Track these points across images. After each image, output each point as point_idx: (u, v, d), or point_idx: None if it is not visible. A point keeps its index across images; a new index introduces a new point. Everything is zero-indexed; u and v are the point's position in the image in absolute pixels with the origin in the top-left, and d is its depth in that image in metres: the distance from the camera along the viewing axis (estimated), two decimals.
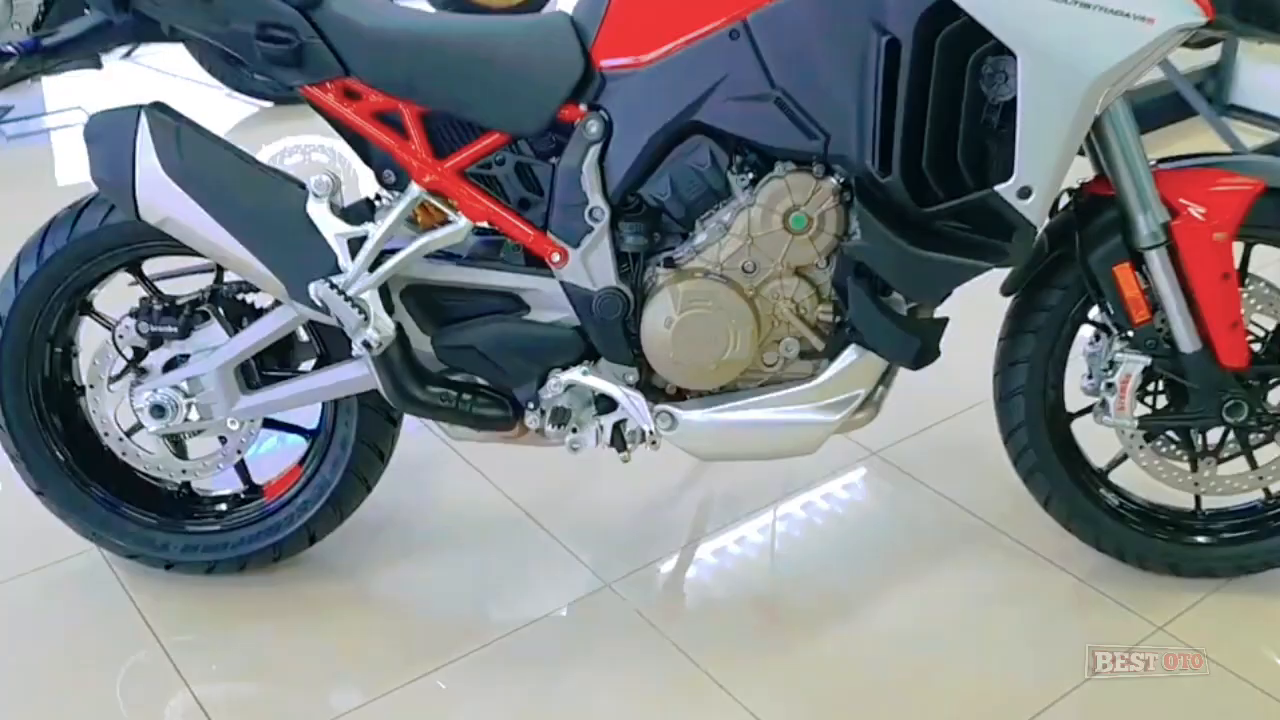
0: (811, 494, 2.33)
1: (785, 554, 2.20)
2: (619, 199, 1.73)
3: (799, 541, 2.23)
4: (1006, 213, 1.63)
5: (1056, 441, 2.01)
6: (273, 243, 1.73)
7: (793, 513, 2.29)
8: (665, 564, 2.17)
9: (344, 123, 1.74)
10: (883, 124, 1.60)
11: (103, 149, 1.73)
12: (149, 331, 1.88)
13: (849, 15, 1.58)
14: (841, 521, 2.28)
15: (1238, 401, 1.88)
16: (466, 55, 1.71)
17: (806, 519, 2.28)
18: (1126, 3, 1.55)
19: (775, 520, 2.28)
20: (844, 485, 2.36)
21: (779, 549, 2.21)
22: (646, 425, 1.83)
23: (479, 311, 1.83)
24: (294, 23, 1.66)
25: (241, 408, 1.91)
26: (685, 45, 1.66)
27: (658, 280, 1.76)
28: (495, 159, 1.75)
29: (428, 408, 1.83)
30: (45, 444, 1.99)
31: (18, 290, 1.89)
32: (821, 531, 2.25)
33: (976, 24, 1.54)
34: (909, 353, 1.76)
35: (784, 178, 1.69)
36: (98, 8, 1.72)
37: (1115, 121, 1.73)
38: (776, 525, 2.26)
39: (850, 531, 2.26)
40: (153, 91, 4.21)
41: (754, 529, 2.25)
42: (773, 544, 2.23)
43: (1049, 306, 1.91)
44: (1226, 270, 1.80)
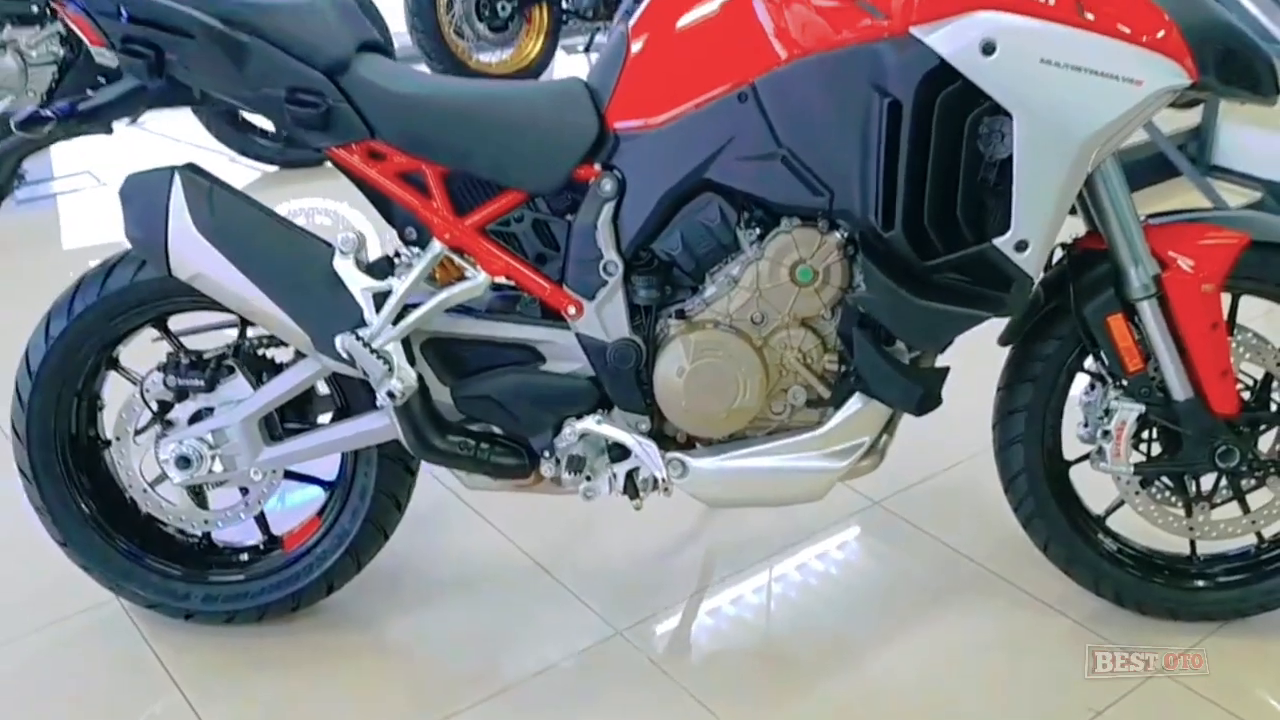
0: (816, 542, 2.38)
1: (792, 601, 2.25)
2: (632, 254, 1.81)
3: (805, 589, 2.27)
4: (1004, 265, 1.71)
5: (1055, 488, 2.07)
6: (300, 297, 1.80)
7: (798, 561, 2.34)
8: (674, 611, 2.21)
9: (368, 183, 1.82)
10: (885, 181, 1.68)
11: (137, 208, 1.80)
12: (176, 385, 1.94)
13: (852, 79, 1.67)
14: (846, 569, 2.34)
15: (1229, 447, 1.94)
16: (487, 118, 1.80)
17: (811, 567, 2.33)
18: (1115, 66, 1.63)
19: (781, 568, 2.32)
20: (847, 534, 2.41)
21: (785, 596, 2.26)
22: (659, 472, 1.89)
23: (496, 363, 1.90)
24: (322, 87, 1.74)
25: (265, 458, 1.96)
26: (695, 108, 1.74)
27: (669, 331, 1.83)
28: (514, 216, 1.82)
29: (447, 457, 1.89)
30: (71, 496, 2.04)
31: (48, 345, 1.94)
32: (826, 579, 2.30)
33: (974, 86, 1.63)
34: (912, 399, 1.82)
35: (790, 233, 1.77)
36: (133, 74, 1.79)
37: (1106, 178, 1.81)
38: (782, 573, 2.31)
39: (854, 579, 2.31)
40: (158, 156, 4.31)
41: (760, 577, 2.29)
42: (779, 591, 2.27)
43: (1045, 356, 1.98)
44: (1215, 320, 1.87)
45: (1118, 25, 1.63)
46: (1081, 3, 1.62)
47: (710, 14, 1.74)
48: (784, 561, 2.33)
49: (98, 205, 4.24)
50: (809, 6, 1.68)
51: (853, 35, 1.66)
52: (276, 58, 1.73)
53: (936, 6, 1.62)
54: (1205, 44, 1.67)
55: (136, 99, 1.82)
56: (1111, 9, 1.63)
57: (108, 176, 4.38)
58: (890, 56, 1.64)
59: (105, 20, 1.75)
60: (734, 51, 1.72)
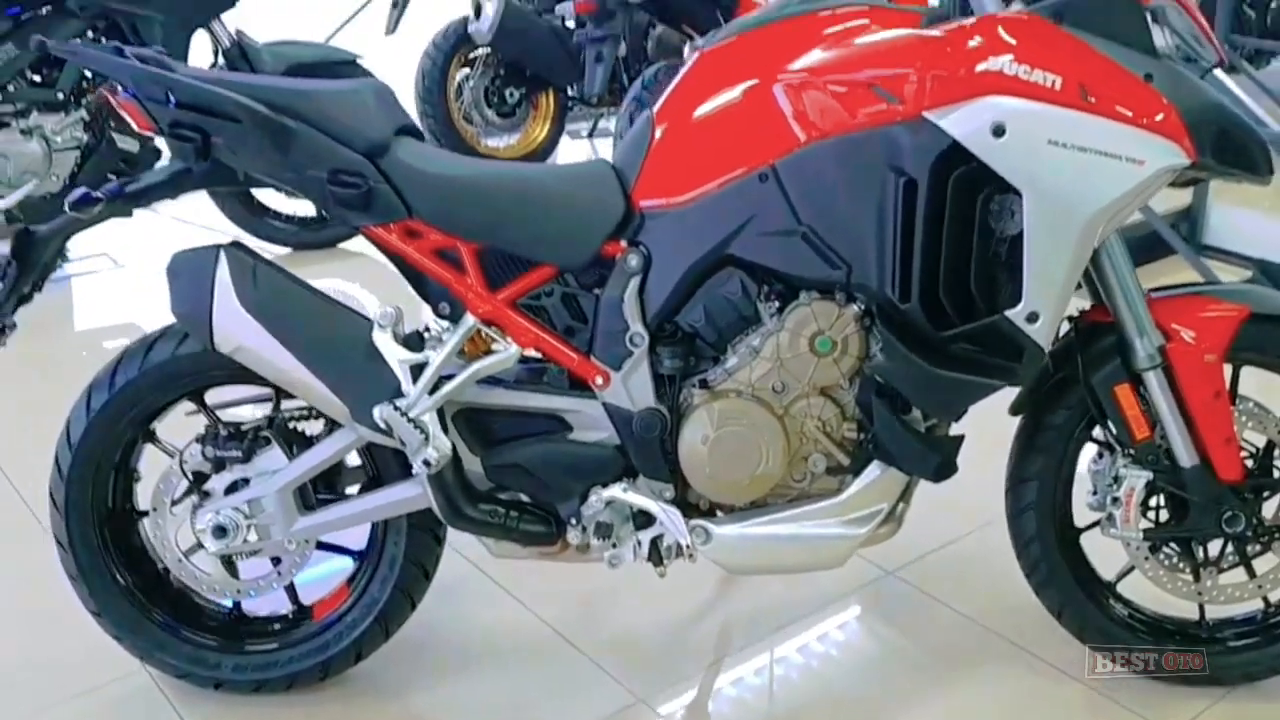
0: (832, 611, 2.42)
1: (809, 669, 2.28)
2: (657, 326, 1.88)
3: (822, 657, 2.31)
4: (1016, 336, 1.78)
5: (1067, 555, 2.12)
6: (340, 369, 1.87)
7: (814, 629, 2.37)
8: (694, 679, 2.25)
9: (405, 259, 1.89)
10: (902, 256, 1.76)
11: (184, 283, 1.88)
12: (214, 456, 2.00)
13: (869, 160, 1.76)
14: (862, 638, 2.38)
15: (1235, 513, 2.00)
16: (520, 197, 1.88)
17: (828, 636, 2.36)
18: (1119, 147, 1.72)
19: (798, 637, 2.36)
20: (862, 603, 2.46)
21: (803, 664, 2.30)
22: (683, 539, 1.94)
23: (525, 432, 1.96)
24: (363, 169, 1.83)
25: (299, 528, 2.01)
26: (719, 187, 1.83)
27: (693, 400, 1.90)
28: (544, 290, 1.90)
29: (478, 524, 1.94)
30: (106, 566, 2.08)
31: (89, 418, 2.00)
32: (843, 647, 2.34)
33: (986, 166, 1.71)
34: (930, 466, 1.88)
35: (809, 305, 1.84)
36: (180, 157, 1.87)
37: (1111, 253, 1.90)
38: (799, 642, 2.35)
39: (871, 647, 2.35)
40: (175, 239, 4.40)
41: (780, 645, 2.33)
42: (797, 660, 2.30)
43: (1055, 425, 2.05)
44: (1218, 389, 1.95)
45: (1120, 109, 1.72)
46: (1085, 87, 1.71)
47: (732, 100, 1.83)
48: (801, 630, 2.37)
49: (114, 287, 4.33)
50: (826, 92, 1.78)
51: (869, 119, 1.75)
52: (320, 141, 1.81)
53: (948, 92, 1.72)
54: (1202, 126, 1.77)
55: (182, 180, 1.91)
56: (1113, 93, 1.72)
57: (125, 258, 4.46)
58: (905, 139, 1.73)
59: (154, 106, 1.84)
60: (755, 134, 1.81)
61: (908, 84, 1.74)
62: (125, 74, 1.83)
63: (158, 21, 3.88)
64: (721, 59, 1.89)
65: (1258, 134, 1.86)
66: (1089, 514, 2.11)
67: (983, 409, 1.90)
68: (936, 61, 1.74)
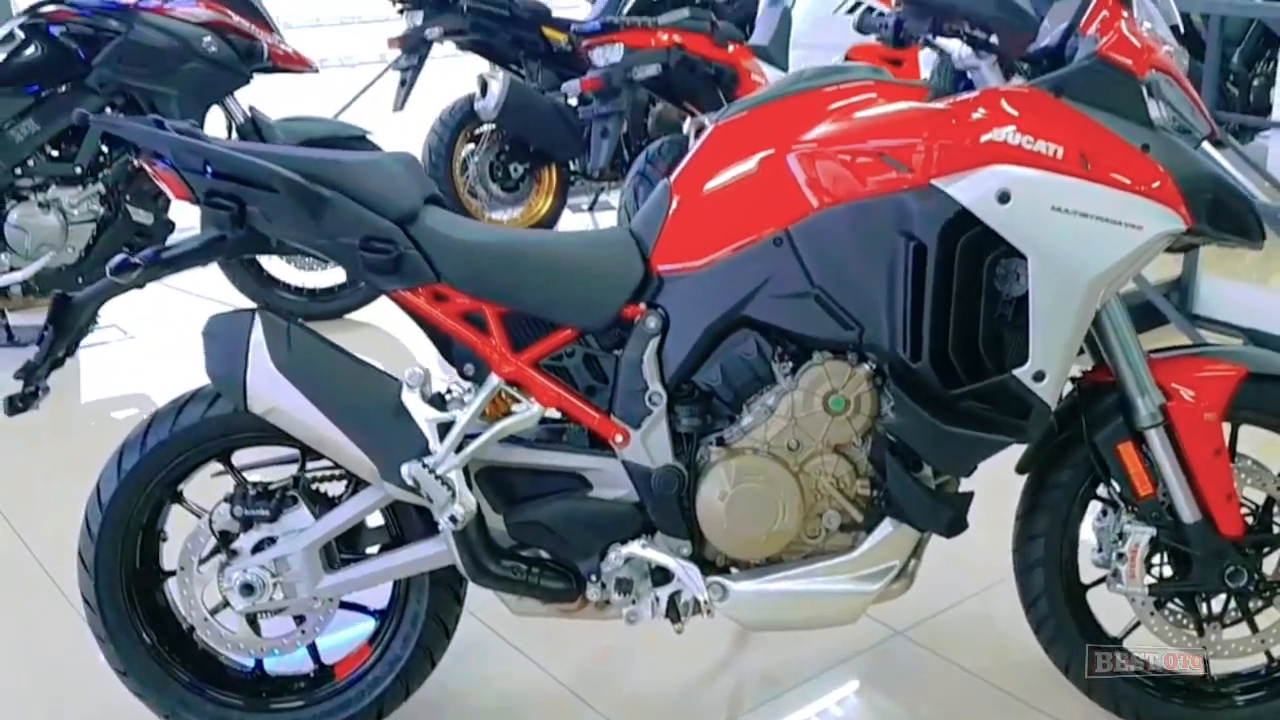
0: (844, 672, 2.45)
1: None
2: (675, 385, 1.95)
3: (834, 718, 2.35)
4: (1023, 394, 1.85)
5: (1074, 611, 2.17)
6: (370, 428, 1.92)
7: (827, 690, 2.40)
8: None
9: (431, 322, 1.96)
10: (912, 317, 1.83)
11: (219, 346, 1.94)
12: (242, 515, 2.04)
13: (880, 225, 1.83)
14: (873, 698, 2.41)
15: (1237, 568, 2.05)
16: (544, 263, 1.96)
17: (841, 696, 2.40)
18: (1118, 213, 1.81)
19: (809, 697, 2.39)
20: (873, 663, 2.49)
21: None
22: (701, 595, 1.99)
23: (546, 490, 2.01)
24: (394, 236, 1.90)
25: (325, 585, 2.05)
26: (734, 252, 1.90)
27: (711, 458, 1.96)
28: (566, 351, 1.96)
29: (500, 580, 1.99)
30: (133, 626, 2.12)
31: (119, 479, 2.05)
32: (856, 708, 2.38)
33: (992, 231, 1.79)
34: (942, 521, 1.94)
35: (822, 365, 1.91)
36: (215, 225, 1.94)
37: (1112, 315, 1.97)
38: (811, 702, 2.38)
39: (882, 707, 2.39)
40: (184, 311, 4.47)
41: (792, 705, 2.36)
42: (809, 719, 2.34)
43: (1061, 483, 2.11)
44: (1218, 446, 2.01)
45: (1119, 176, 1.81)
46: (1086, 156, 1.80)
47: (747, 169, 1.91)
48: (813, 691, 2.40)
49: (124, 358, 4.38)
50: (838, 161, 1.86)
51: (879, 186, 1.84)
52: (353, 209, 1.89)
53: (955, 161, 1.80)
54: (1197, 193, 1.85)
55: (216, 247, 1.98)
56: (1112, 162, 1.81)
57: (135, 330, 4.52)
58: (914, 205, 1.81)
59: (192, 176, 1.91)
60: (770, 201, 1.89)
61: (916, 153, 1.83)
62: (165, 145, 1.91)
63: (174, 98, 3.98)
64: (735, 131, 1.98)
65: (1250, 201, 1.95)
66: (1095, 571, 2.16)
67: (991, 469, 1.96)
68: (943, 132, 1.83)
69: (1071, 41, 1.93)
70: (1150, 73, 1.86)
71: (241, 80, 4.14)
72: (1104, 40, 1.86)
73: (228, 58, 4.06)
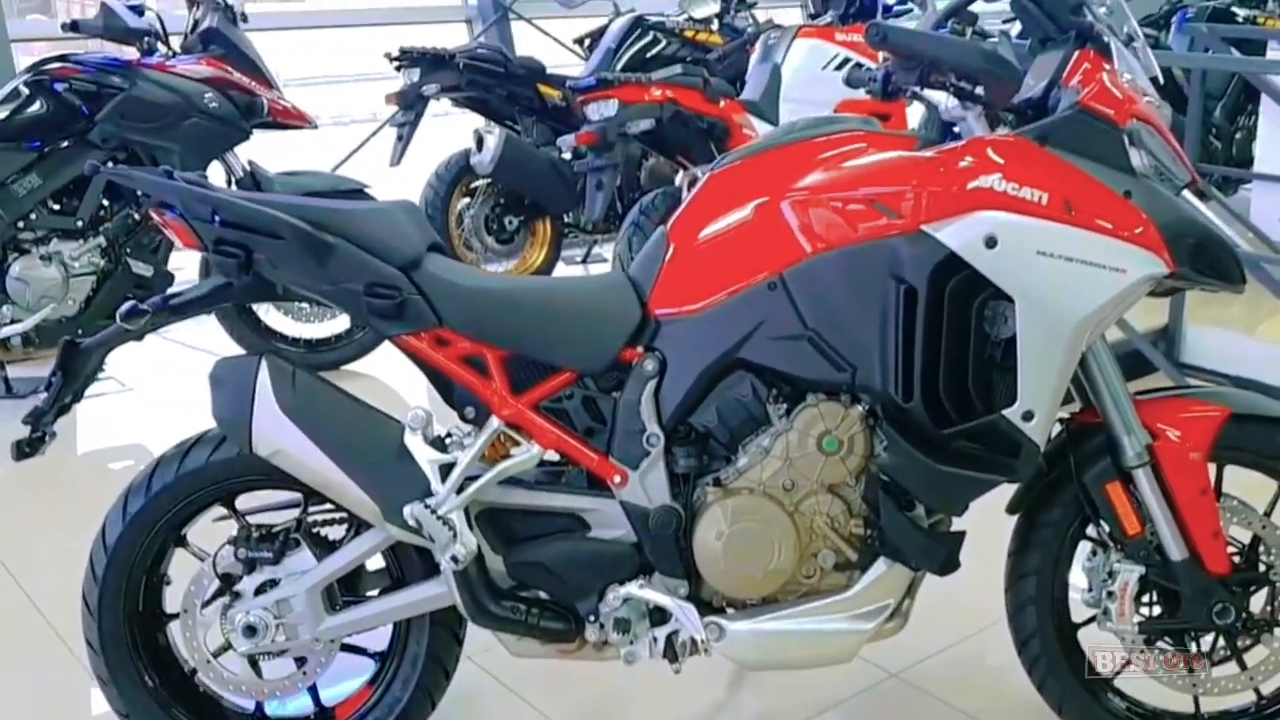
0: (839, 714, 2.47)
1: None
2: (672, 426, 1.99)
3: None
4: (1013, 434, 1.89)
5: (1066, 650, 2.20)
6: (373, 470, 1.96)
7: None
8: None
9: (434, 366, 2.00)
10: (904, 358, 1.88)
11: (226, 390, 1.98)
12: (246, 557, 2.07)
13: (872, 269, 1.89)
14: None
15: (1225, 605, 2.09)
16: (544, 308, 2.01)
17: None
18: (1103, 257, 1.86)
19: None
20: (870, 704, 2.50)
21: None
22: (698, 635, 2.01)
23: (545, 531, 2.05)
24: (398, 282, 1.95)
25: (326, 627, 2.08)
26: (729, 296, 1.95)
27: (707, 498, 1.99)
28: (565, 394, 2.01)
29: (500, 621, 2.02)
30: (136, 669, 2.14)
31: (124, 522, 2.08)
32: None
33: (980, 275, 1.85)
34: (935, 560, 1.98)
35: (816, 406, 1.95)
36: (222, 272, 1.99)
37: (1098, 357, 2.02)
38: None
39: None
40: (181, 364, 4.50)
41: None
42: None
43: (1051, 523, 2.15)
44: (1204, 486, 2.05)
45: (1102, 222, 1.86)
46: (1070, 202, 1.86)
47: (742, 216, 1.97)
48: None
49: (122, 410, 4.41)
50: (830, 208, 1.92)
51: (870, 232, 1.89)
52: (358, 256, 1.93)
53: (943, 207, 1.86)
54: (1179, 238, 1.91)
55: (224, 293, 2.03)
56: (1096, 208, 1.87)
57: (133, 382, 4.56)
58: (904, 250, 1.87)
59: (200, 225, 1.96)
60: (764, 247, 1.94)
61: (905, 200, 1.88)
62: (174, 195, 1.96)
63: (175, 153, 4.06)
64: (730, 180, 2.03)
65: (1230, 246, 2.00)
66: (1086, 610, 2.19)
67: (986, 511, 2.00)
68: (931, 179, 1.89)
69: (1055, 93, 1.99)
70: (1131, 122, 1.92)
71: (242, 135, 4.22)
72: (1086, 91, 1.92)
73: (228, 113, 4.14)
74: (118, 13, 4.12)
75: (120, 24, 4.12)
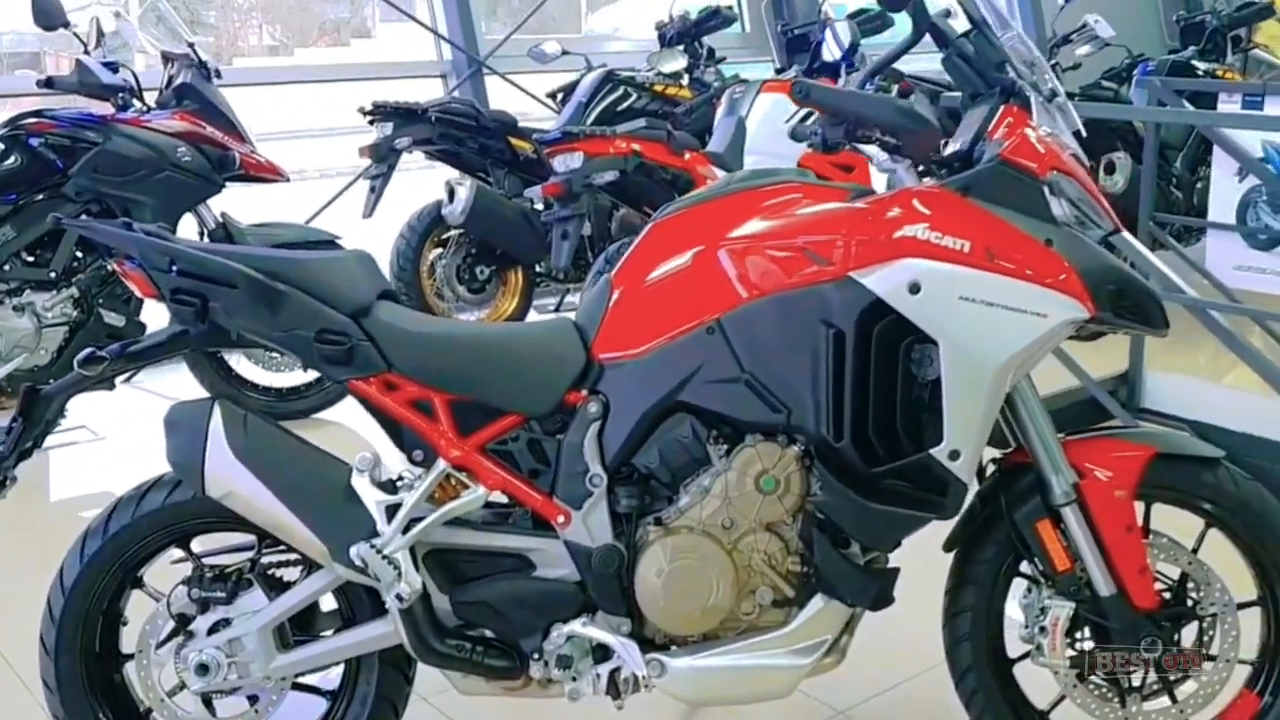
0: None
1: None
2: (615, 467, 2.05)
3: None
4: (940, 472, 1.97)
5: (1001, 685, 2.25)
6: (321, 511, 2.02)
7: None
8: None
9: (382, 410, 2.06)
10: (834, 399, 1.95)
11: (179, 434, 2.04)
12: (199, 597, 2.12)
13: (803, 314, 1.96)
14: None
15: (1153, 639, 2.15)
16: (490, 353, 2.08)
17: None
18: (1023, 302, 1.94)
19: None
20: None
21: None
22: (639, 671, 2.06)
23: (491, 571, 2.10)
24: (347, 329, 2.02)
25: (277, 665, 2.12)
26: (669, 340, 2.02)
27: (649, 537, 2.05)
28: (511, 436, 2.07)
29: (445, 658, 2.07)
30: (92, 709, 2.18)
31: (81, 564, 2.13)
32: None
33: (906, 319, 1.92)
34: (868, 595, 2.04)
35: (754, 446, 2.02)
36: (179, 320, 2.06)
37: (1024, 398, 2.09)
38: None
39: None
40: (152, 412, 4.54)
41: None
42: None
43: (985, 560, 2.21)
44: (1130, 523, 2.12)
45: (1024, 269, 1.94)
46: (991, 250, 1.94)
47: (682, 263, 2.04)
48: None
49: (92, 458, 4.45)
50: (764, 256, 1.99)
51: (802, 279, 1.97)
52: (309, 304, 2.00)
53: (870, 254, 1.94)
54: (1100, 284, 1.98)
55: (181, 341, 2.09)
56: (1017, 255, 1.95)
57: (104, 430, 4.60)
58: (834, 296, 1.95)
59: (158, 274, 2.03)
60: (703, 293, 2.02)
61: (836, 248, 1.96)
62: (133, 245, 2.03)
63: (148, 205, 4.12)
64: (672, 229, 2.11)
65: (1152, 291, 2.08)
66: (1022, 646, 2.25)
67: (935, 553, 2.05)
68: (860, 228, 1.97)
69: (980, 146, 2.07)
70: (1051, 174, 2.01)
71: (214, 188, 4.30)
72: (1007, 144, 2.00)
73: (200, 167, 4.22)
74: (92, 69, 4.21)
75: (94, 80, 4.20)
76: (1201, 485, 2.16)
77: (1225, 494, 2.16)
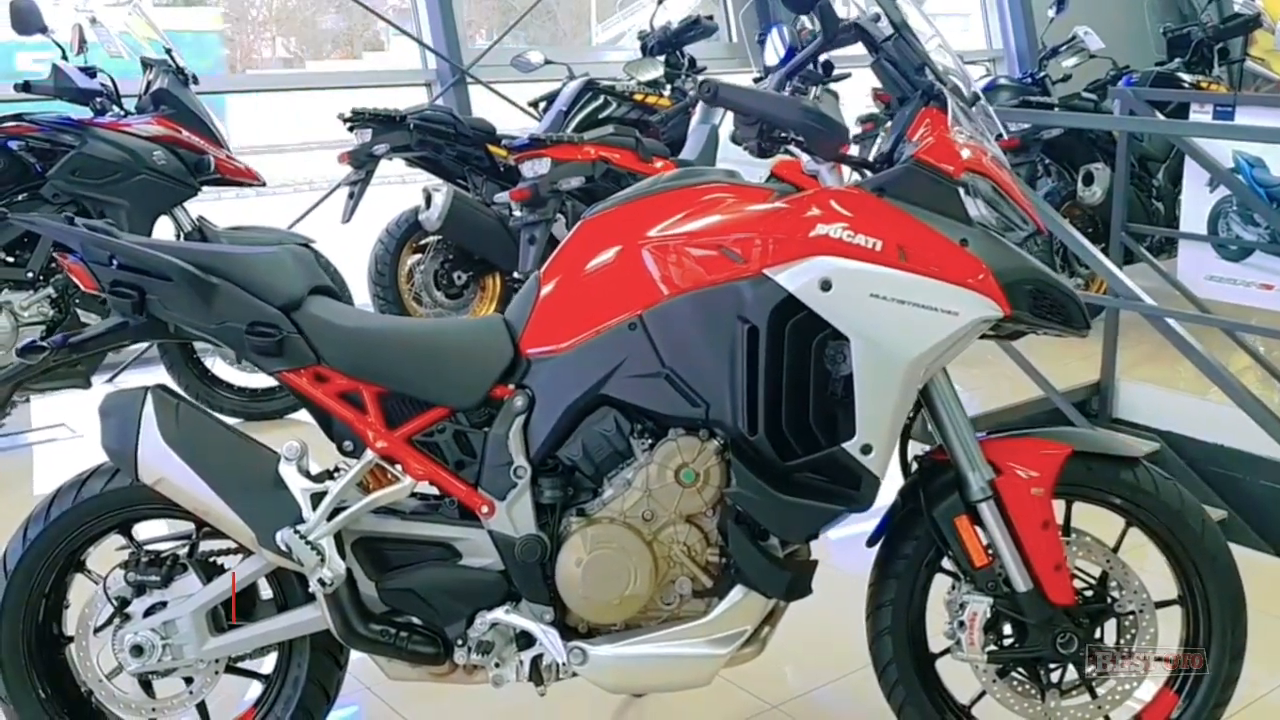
0: None
1: None
2: (539, 460, 2.10)
3: None
4: (853, 465, 2.01)
5: (923, 679, 2.29)
6: (249, 497, 2.07)
7: None
8: None
9: (313, 401, 2.12)
10: (749, 394, 2.00)
11: (113, 421, 2.10)
12: (135, 581, 2.17)
13: (719, 310, 2.01)
14: None
15: (1069, 635, 2.19)
16: (418, 347, 2.13)
17: None
18: (934, 300, 1.99)
19: None
20: None
21: None
22: (561, 659, 2.11)
23: (419, 559, 2.15)
24: (278, 321, 2.07)
25: (210, 648, 2.17)
26: (593, 335, 2.07)
27: (571, 528, 2.10)
28: (437, 428, 2.12)
29: (370, 643, 2.12)
30: (33, 688, 2.23)
31: (24, 548, 2.19)
32: None
33: (818, 316, 1.97)
34: (781, 586, 2.08)
35: (675, 440, 2.07)
36: (118, 311, 2.11)
37: (941, 394, 2.14)
38: None
39: None
40: None
41: None
42: None
43: (906, 555, 2.25)
44: (1046, 519, 2.16)
45: (935, 268, 1.99)
46: (903, 249, 1.98)
47: (607, 260, 2.10)
48: None
49: (71, 455, 4.51)
50: (684, 254, 2.04)
51: (720, 276, 2.02)
52: (240, 296, 2.06)
53: (784, 252, 1.99)
54: (1016, 284, 2.03)
55: (120, 333, 2.15)
56: (929, 255, 1.99)
57: (82, 428, 4.66)
58: (749, 292, 2.00)
59: (98, 268, 2.09)
60: (626, 289, 2.07)
61: (753, 246, 2.01)
62: (74, 239, 2.09)
63: (124, 208, 4.19)
64: (600, 226, 2.16)
65: (1073, 292, 2.12)
66: (945, 640, 2.29)
67: None
68: (777, 227, 2.02)
69: (900, 146, 2.13)
70: (965, 174, 2.06)
71: (190, 191, 4.36)
72: (922, 145, 2.06)
73: (176, 170, 4.29)
74: (68, 75, 4.29)
75: (71, 85, 4.28)
76: (1120, 484, 2.21)
77: (1143, 493, 2.21)
